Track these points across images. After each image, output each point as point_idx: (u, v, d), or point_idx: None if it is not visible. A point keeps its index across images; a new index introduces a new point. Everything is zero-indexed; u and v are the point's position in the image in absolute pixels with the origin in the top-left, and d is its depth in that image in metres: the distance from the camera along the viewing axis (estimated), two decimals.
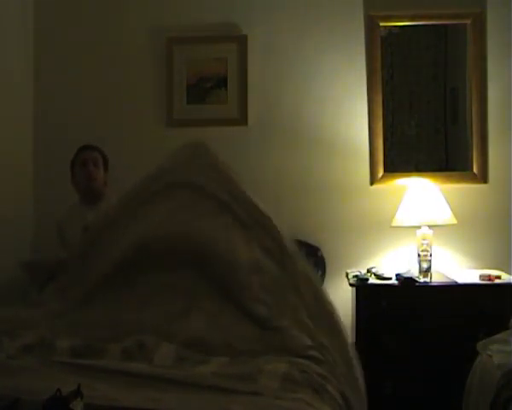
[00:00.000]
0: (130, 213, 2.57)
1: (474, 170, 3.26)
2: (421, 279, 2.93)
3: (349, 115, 3.35)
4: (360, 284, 2.99)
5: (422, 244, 2.95)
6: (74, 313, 2.30)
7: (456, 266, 3.22)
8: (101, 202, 3.04)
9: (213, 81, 3.43)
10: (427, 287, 2.93)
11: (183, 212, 2.49)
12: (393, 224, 3.10)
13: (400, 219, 3.07)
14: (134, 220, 2.53)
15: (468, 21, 3.29)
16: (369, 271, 3.11)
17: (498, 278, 2.96)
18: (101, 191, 3.08)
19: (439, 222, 3.01)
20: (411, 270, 3.02)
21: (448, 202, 3.06)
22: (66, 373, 1.72)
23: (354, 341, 3.03)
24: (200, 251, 2.36)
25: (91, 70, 3.51)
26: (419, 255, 2.96)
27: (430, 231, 2.97)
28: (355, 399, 1.90)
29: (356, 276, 3.04)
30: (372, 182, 3.32)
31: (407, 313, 2.91)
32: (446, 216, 3.02)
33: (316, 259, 3.28)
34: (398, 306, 2.92)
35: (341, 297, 3.19)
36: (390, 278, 3.02)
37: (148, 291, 2.31)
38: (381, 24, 3.33)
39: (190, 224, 2.44)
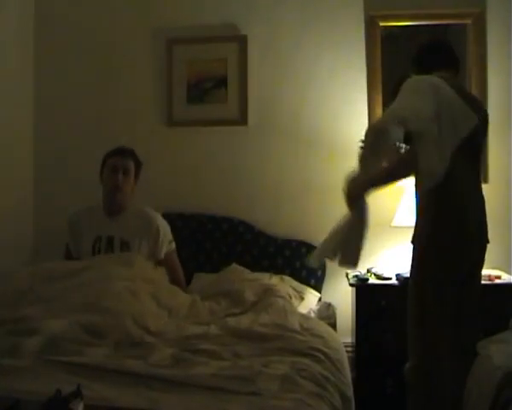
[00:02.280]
0: None
1: None
2: None
3: (349, 115, 3.34)
4: (360, 284, 2.99)
5: None
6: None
7: None
8: (124, 212, 2.89)
9: (213, 81, 3.43)
10: None
11: None
12: (393, 224, 3.10)
13: (400, 218, 3.06)
14: None
15: (468, 21, 3.28)
16: (369, 271, 3.12)
17: (498, 278, 2.96)
18: (126, 203, 2.90)
19: None
20: None
21: None
22: (65, 373, 1.73)
23: (354, 341, 3.03)
24: None
25: (91, 70, 3.51)
26: None
27: None
28: None
29: (356, 276, 3.04)
30: None
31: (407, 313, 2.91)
32: None
33: None
34: (398, 306, 2.91)
35: (341, 297, 3.20)
36: (390, 278, 3.02)
37: None
38: (381, 24, 3.33)
39: None
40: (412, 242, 2.33)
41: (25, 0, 3.47)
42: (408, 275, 2.93)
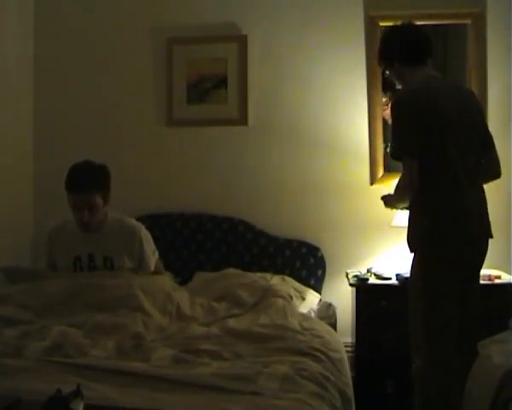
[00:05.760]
0: None
1: None
2: None
3: (349, 115, 3.34)
4: (360, 284, 2.99)
5: None
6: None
7: None
8: (101, 228, 2.68)
9: (213, 81, 3.43)
10: None
11: None
12: (393, 223, 3.10)
13: (400, 218, 3.06)
14: None
15: (468, 21, 3.28)
16: (369, 271, 3.12)
17: (498, 278, 2.97)
18: (101, 223, 2.67)
19: None
20: None
21: None
22: (65, 373, 1.73)
23: (354, 341, 3.03)
24: None
25: (91, 70, 3.51)
26: None
27: None
28: None
29: (356, 276, 3.04)
30: (372, 182, 3.32)
31: (407, 313, 2.91)
32: None
33: (316, 259, 3.28)
34: (398, 306, 2.91)
35: (341, 297, 3.21)
36: (390, 278, 3.02)
37: None
38: (381, 24, 3.32)
39: None
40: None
41: (25, 0, 3.47)
42: (408, 275, 2.96)
